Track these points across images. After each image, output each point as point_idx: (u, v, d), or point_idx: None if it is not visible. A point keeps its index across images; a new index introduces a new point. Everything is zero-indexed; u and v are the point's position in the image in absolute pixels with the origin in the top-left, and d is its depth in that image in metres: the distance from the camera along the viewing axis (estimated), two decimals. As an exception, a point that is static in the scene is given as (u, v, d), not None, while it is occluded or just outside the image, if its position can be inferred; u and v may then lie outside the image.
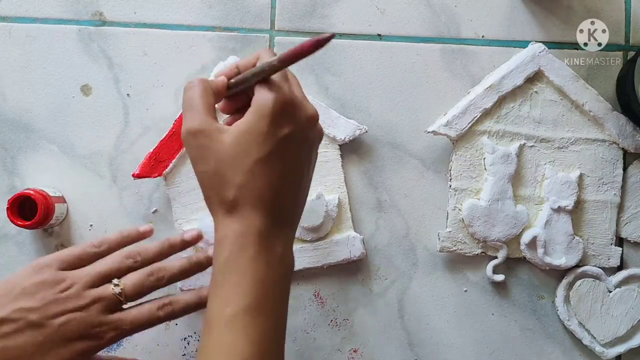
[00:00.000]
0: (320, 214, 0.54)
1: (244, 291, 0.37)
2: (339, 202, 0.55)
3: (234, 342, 0.37)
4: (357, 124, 0.55)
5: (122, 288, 0.43)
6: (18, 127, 0.56)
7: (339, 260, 0.55)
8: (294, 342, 0.56)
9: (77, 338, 0.42)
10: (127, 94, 0.56)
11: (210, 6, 0.56)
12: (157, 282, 0.45)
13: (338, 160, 0.55)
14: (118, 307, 0.44)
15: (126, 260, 0.45)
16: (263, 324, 0.38)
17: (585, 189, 0.56)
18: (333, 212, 0.55)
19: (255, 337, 0.37)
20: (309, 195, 0.49)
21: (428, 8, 0.57)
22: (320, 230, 0.55)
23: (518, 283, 0.57)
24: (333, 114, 0.55)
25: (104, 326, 0.43)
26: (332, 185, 0.55)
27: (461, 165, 0.55)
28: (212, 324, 0.38)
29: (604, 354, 0.56)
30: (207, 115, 0.39)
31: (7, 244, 0.55)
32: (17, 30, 0.56)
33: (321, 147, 0.53)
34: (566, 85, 0.55)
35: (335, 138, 0.54)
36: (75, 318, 0.42)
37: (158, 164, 0.54)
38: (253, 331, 0.37)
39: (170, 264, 0.46)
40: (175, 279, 0.46)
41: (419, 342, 0.57)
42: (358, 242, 0.55)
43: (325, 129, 0.54)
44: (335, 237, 0.55)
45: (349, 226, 0.56)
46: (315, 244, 0.55)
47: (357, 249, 0.55)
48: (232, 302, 0.37)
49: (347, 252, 0.55)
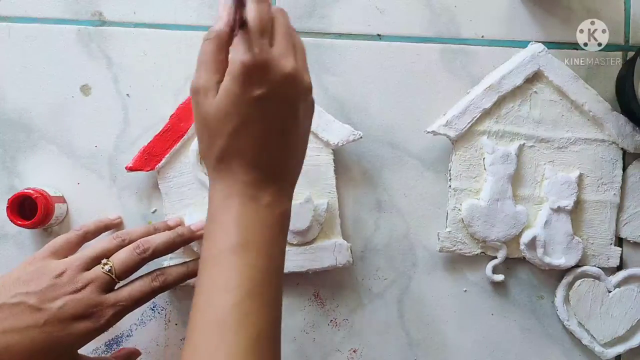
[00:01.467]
0: (307, 218, 0.53)
1: (230, 232, 0.39)
2: (328, 207, 0.54)
3: (221, 275, 0.38)
4: (351, 129, 0.54)
5: (112, 265, 0.46)
6: (17, 127, 0.56)
7: (323, 267, 0.54)
8: (294, 342, 0.56)
9: (76, 319, 0.44)
10: (127, 94, 0.56)
11: (210, 6, 0.56)
12: (143, 254, 0.47)
13: (330, 165, 0.55)
14: (112, 286, 0.46)
15: (114, 241, 0.48)
16: (249, 261, 0.39)
17: (584, 189, 0.56)
18: (321, 217, 0.54)
19: (245, 272, 0.38)
20: (296, 199, 0.49)
21: (428, 8, 0.57)
22: (306, 234, 0.54)
23: (518, 283, 0.57)
24: (328, 118, 0.54)
25: (101, 305, 0.44)
26: (322, 189, 0.55)
27: (461, 165, 0.55)
28: (201, 266, 0.40)
29: (603, 354, 0.56)
30: (214, 74, 0.39)
31: (6, 244, 0.55)
32: (17, 30, 0.56)
33: (314, 151, 0.54)
34: (566, 86, 0.55)
35: (329, 142, 0.54)
36: (73, 300, 0.44)
37: (151, 158, 0.54)
38: (242, 267, 0.38)
39: (154, 237, 0.48)
40: (160, 251, 0.48)
41: (418, 342, 0.57)
42: (344, 250, 0.54)
43: (319, 134, 0.54)
44: (322, 242, 0.55)
45: (337, 232, 0.55)
46: (301, 248, 0.54)
47: (343, 257, 0.54)
48: (219, 243, 0.39)
49: (333, 258, 0.54)
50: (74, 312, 0.43)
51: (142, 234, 0.49)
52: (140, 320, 0.55)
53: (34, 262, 0.46)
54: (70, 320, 0.43)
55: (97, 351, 0.55)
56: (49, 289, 0.44)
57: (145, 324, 0.55)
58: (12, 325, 0.42)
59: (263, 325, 0.38)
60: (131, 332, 0.55)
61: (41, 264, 0.46)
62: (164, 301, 0.56)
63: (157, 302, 0.55)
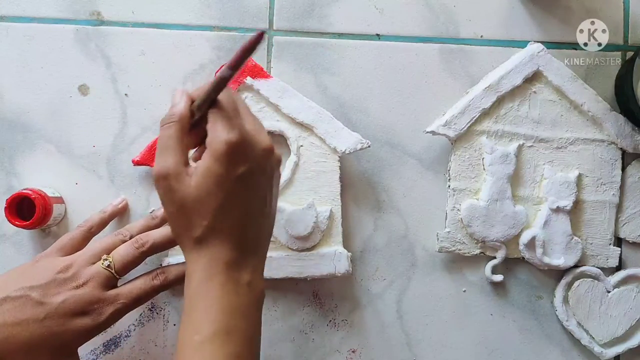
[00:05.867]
0: (308, 224, 0.53)
1: (212, 318, 0.38)
2: (331, 215, 0.54)
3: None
4: (360, 137, 0.54)
5: (111, 261, 0.46)
6: (16, 127, 0.55)
7: (322, 274, 0.54)
8: (293, 342, 0.56)
9: (77, 315, 0.44)
10: (125, 93, 0.56)
11: (209, 6, 0.56)
12: (141, 249, 0.47)
13: (336, 172, 0.54)
14: (114, 283, 0.46)
15: (116, 238, 0.48)
16: (232, 350, 0.38)
17: (583, 189, 0.56)
18: (323, 224, 0.54)
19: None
20: (299, 204, 0.49)
21: (427, 8, 0.57)
22: (307, 240, 0.54)
23: (517, 283, 0.57)
24: (337, 125, 0.54)
25: (102, 302, 0.45)
26: (326, 196, 0.54)
27: (460, 165, 0.55)
28: (181, 352, 0.39)
29: (602, 354, 0.56)
30: (180, 158, 0.40)
31: (4, 244, 0.55)
32: (15, 30, 0.55)
33: (320, 157, 0.54)
34: (565, 86, 0.55)
35: (337, 149, 0.54)
36: (74, 296, 0.44)
37: None
38: (225, 357, 0.38)
39: (153, 232, 0.49)
40: (159, 245, 0.48)
41: (417, 342, 0.56)
42: (344, 259, 0.54)
43: (327, 140, 0.54)
44: (322, 249, 0.54)
45: (338, 241, 0.55)
46: (301, 254, 0.54)
47: (343, 266, 0.54)
48: (200, 329, 0.38)
49: (332, 267, 0.54)
50: (74, 308, 0.44)
51: (143, 227, 0.50)
52: (139, 320, 0.55)
53: (40, 259, 0.47)
54: (70, 316, 0.44)
55: (95, 352, 0.55)
56: (51, 283, 0.44)
57: (144, 324, 0.55)
58: (13, 317, 0.43)
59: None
60: (130, 332, 0.55)
61: (46, 261, 0.47)
62: (163, 302, 0.55)
63: (155, 303, 0.55)
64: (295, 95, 0.54)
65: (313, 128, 0.54)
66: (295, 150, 0.54)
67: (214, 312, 0.38)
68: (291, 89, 0.54)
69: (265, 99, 0.54)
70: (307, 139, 0.54)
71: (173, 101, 0.42)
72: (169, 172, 0.39)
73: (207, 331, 0.38)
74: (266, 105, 0.55)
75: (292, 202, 0.54)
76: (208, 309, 0.39)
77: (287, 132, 0.54)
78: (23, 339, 0.43)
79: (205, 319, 0.38)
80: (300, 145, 0.54)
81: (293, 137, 0.54)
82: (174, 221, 0.41)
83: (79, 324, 0.44)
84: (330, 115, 0.54)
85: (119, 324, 0.47)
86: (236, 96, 0.42)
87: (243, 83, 0.54)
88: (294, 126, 0.54)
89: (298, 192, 0.54)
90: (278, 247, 0.54)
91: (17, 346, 0.43)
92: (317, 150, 0.54)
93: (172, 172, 0.39)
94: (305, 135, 0.54)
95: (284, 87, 0.54)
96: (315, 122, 0.54)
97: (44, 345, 0.43)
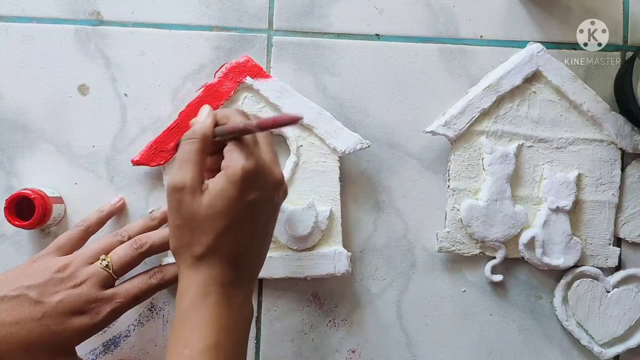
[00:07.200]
0: (308, 224, 0.53)
1: (204, 334, 0.39)
2: (331, 215, 0.54)
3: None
4: (360, 137, 0.54)
5: (109, 261, 0.46)
6: (15, 127, 0.55)
7: (322, 274, 0.54)
8: (292, 342, 0.56)
9: (74, 314, 0.44)
10: (125, 93, 0.56)
11: (208, 6, 0.56)
12: (140, 249, 0.47)
13: (336, 171, 0.54)
14: (111, 283, 0.47)
15: (114, 238, 0.49)
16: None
17: (583, 189, 0.56)
18: (323, 223, 0.54)
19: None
20: (300, 204, 0.49)
21: (426, 8, 0.57)
22: (307, 240, 0.54)
23: (516, 283, 0.57)
24: (337, 125, 0.54)
25: (99, 301, 0.45)
26: (326, 196, 0.54)
27: (459, 165, 0.55)
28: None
29: (602, 354, 0.56)
30: (198, 174, 0.41)
31: (4, 244, 0.55)
32: (14, 30, 0.55)
33: (320, 157, 0.54)
34: (564, 86, 0.55)
35: (336, 149, 0.54)
36: (71, 295, 0.45)
37: (158, 154, 0.54)
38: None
39: (151, 233, 0.49)
40: (157, 247, 0.48)
41: (417, 342, 0.56)
42: (344, 259, 0.54)
43: (327, 140, 0.54)
44: (322, 249, 0.54)
45: (337, 241, 0.55)
46: (301, 254, 0.54)
47: (342, 266, 0.54)
48: (191, 343, 0.39)
49: (332, 267, 0.54)
50: (72, 307, 0.44)
51: (142, 228, 0.50)
52: (138, 320, 0.55)
53: (39, 259, 0.47)
54: (68, 315, 0.44)
55: (95, 352, 0.55)
56: (49, 282, 0.45)
57: (143, 324, 0.55)
58: (11, 317, 0.43)
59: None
60: (129, 332, 0.55)
61: (44, 260, 0.47)
62: (162, 302, 0.55)
63: (155, 303, 0.55)
64: (295, 95, 0.54)
65: (313, 128, 0.54)
66: (295, 150, 0.54)
67: (205, 329, 0.39)
68: (291, 89, 0.54)
69: (265, 99, 0.54)
70: (307, 139, 0.54)
71: (198, 118, 0.43)
72: (185, 185, 0.40)
73: (198, 346, 0.38)
74: (266, 105, 0.55)
75: (292, 202, 0.54)
76: (200, 325, 0.39)
77: (287, 132, 0.54)
78: (21, 338, 0.43)
79: (196, 334, 0.39)
80: (300, 145, 0.54)
81: (293, 137, 0.54)
82: (177, 235, 0.41)
83: (77, 323, 0.44)
84: (330, 116, 0.54)
85: (118, 323, 0.47)
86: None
87: (243, 83, 0.54)
88: (294, 126, 0.54)
89: (298, 192, 0.54)
90: (278, 247, 0.54)
91: (15, 345, 0.43)
92: (317, 150, 0.54)
93: (189, 186, 0.40)
94: (305, 135, 0.54)
95: (284, 87, 0.54)
96: (315, 122, 0.54)
97: (42, 344, 0.44)
